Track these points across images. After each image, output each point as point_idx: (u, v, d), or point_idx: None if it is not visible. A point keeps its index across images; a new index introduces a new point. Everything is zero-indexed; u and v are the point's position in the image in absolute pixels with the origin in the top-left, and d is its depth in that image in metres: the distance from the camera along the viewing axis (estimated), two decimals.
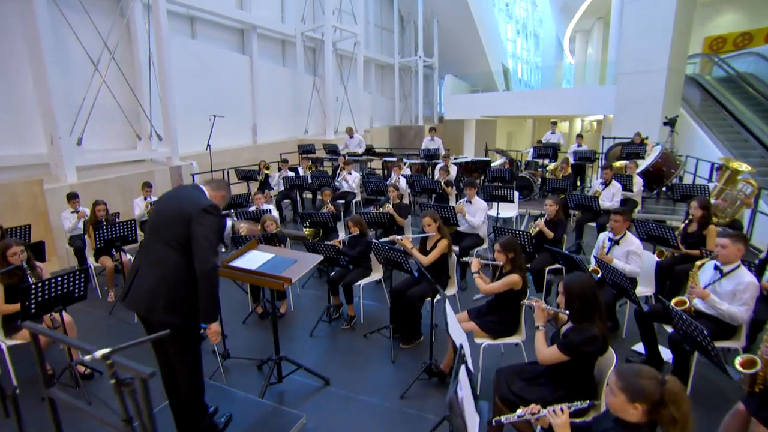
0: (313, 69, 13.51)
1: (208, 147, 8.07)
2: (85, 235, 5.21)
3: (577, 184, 8.56)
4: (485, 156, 10.88)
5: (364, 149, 10.51)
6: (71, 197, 5.33)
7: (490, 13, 19.48)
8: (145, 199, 6.01)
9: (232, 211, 5.78)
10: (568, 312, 2.25)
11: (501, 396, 2.36)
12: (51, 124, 6.18)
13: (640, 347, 3.48)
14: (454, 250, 4.22)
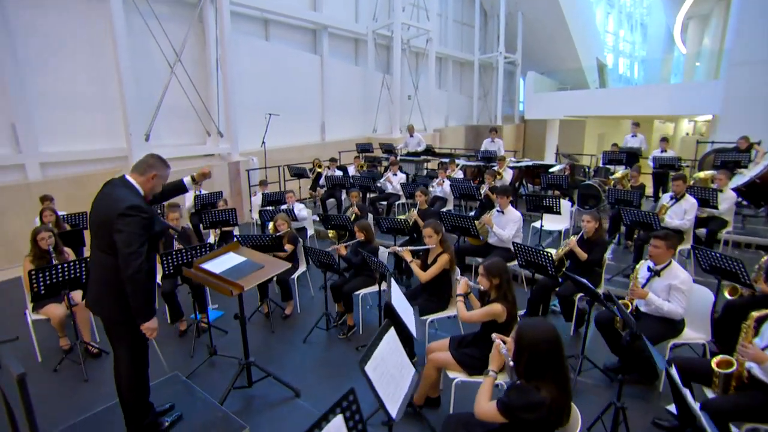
0: (386, 67, 13.44)
1: (263, 144, 8.41)
2: None
3: (659, 195, 7.30)
4: (555, 161, 9.85)
5: (423, 148, 10.19)
6: None
7: (584, 4, 17.68)
8: (196, 192, 6.43)
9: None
10: (512, 363, 1.80)
11: None
12: (125, 121, 6.94)
13: (673, 408, 2.78)
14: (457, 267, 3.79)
